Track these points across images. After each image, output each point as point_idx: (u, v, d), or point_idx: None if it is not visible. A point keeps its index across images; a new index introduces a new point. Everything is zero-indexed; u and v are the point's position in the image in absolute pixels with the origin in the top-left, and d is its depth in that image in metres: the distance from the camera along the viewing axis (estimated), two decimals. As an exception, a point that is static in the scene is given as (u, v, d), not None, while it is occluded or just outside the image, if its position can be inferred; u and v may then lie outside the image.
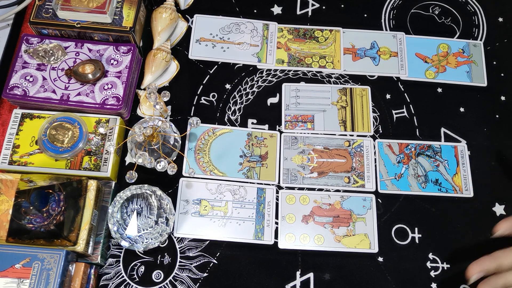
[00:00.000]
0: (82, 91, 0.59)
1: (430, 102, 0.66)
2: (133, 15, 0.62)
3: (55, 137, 0.56)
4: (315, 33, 0.69)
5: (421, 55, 0.69)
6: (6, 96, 0.58)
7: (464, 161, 0.63)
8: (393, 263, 0.57)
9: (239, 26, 0.69)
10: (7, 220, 0.51)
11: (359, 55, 0.68)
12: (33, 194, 0.52)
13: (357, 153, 0.62)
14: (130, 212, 0.55)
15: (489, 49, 0.69)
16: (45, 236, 0.50)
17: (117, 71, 0.60)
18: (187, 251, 0.57)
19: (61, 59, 0.60)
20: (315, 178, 0.61)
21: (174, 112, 0.64)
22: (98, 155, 0.57)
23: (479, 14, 0.72)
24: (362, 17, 0.71)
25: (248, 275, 0.56)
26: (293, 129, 0.63)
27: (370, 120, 0.64)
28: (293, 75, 0.67)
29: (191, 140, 0.62)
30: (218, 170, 0.61)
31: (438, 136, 0.64)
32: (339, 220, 0.59)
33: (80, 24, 0.61)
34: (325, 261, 0.57)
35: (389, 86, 0.67)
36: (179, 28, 0.68)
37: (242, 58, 0.67)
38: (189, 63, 0.67)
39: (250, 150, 0.62)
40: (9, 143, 0.57)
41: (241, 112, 0.64)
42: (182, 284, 0.55)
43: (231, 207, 0.59)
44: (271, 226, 0.58)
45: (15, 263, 0.49)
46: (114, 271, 0.56)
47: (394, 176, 0.62)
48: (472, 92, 0.67)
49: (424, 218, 0.60)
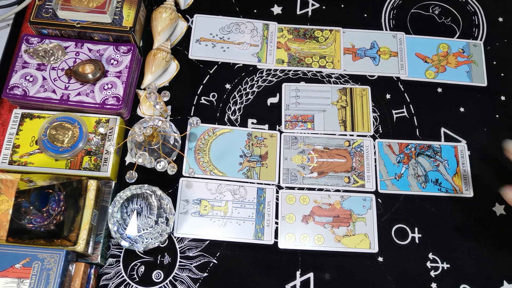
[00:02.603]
0: (82, 91, 0.59)
1: (430, 102, 0.66)
2: (133, 15, 0.62)
3: (55, 137, 0.56)
4: (315, 33, 0.69)
5: (421, 55, 0.69)
6: (6, 96, 0.58)
7: (464, 161, 0.63)
8: (393, 263, 0.57)
9: (239, 26, 0.69)
10: (7, 220, 0.51)
11: (359, 55, 0.68)
12: (33, 194, 0.52)
13: (357, 153, 0.62)
14: (130, 212, 0.55)
15: (489, 49, 0.69)
16: (45, 236, 0.50)
17: (117, 71, 0.60)
18: (187, 251, 0.57)
19: (61, 59, 0.60)
20: (315, 178, 0.61)
21: (174, 112, 0.64)
22: (98, 155, 0.57)
23: (479, 14, 0.72)
24: (362, 17, 0.71)
25: (248, 275, 0.56)
26: (293, 129, 0.63)
27: (370, 120, 0.64)
28: (293, 75, 0.67)
29: (191, 140, 0.62)
30: (218, 170, 0.61)
31: (438, 136, 0.64)
32: (339, 220, 0.59)
33: (80, 24, 0.61)
34: (325, 261, 0.57)
35: (389, 86, 0.67)
36: (179, 28, 0.68)
37: (242, 58, 0.67)
38: (189, 63, 0.67)
39: (250, 150, 0.62)
40: (9, 143, 0.57)
41: (241, 112, 0.64)
42: (182, 284, 0.55)
43: (231, 207, 0.59)
44: (271, 226, 0.58)
45: (15, 263, 0.49)
46: (114, 271, 0.56)
47: (394, 176, 0.61)
48: (472, 92, 0.67)
49: (424, 218, 0.60)
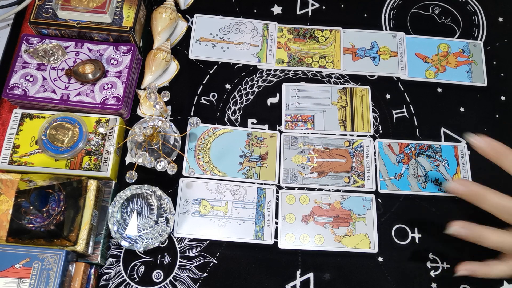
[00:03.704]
0: (82, 91, 0.59)
1: (430, 102, 0.66)
2: (133, 15, 0.62)
3: (55, 137, 0.56)
4: (315, 33, 0.69)
5: (421, 55, 0.69)
6: (6, 96, 0.58)
7: (464, 161, 0.63)
8: (393, 263, 0.57)
9: (239, 26, 0.69)
10: (7, 220, 0.51)
11: (359, 55, 0.68)
12: (33, 194, 0.52)
13: (357, 153, 0.62)
14: (130, 212, 0.55)
15: (489, 49, 0.69)
16: (45, 236, 0.50)
17: (117, 71, 0.60)
18: (187, 251, 0.57)
19: (61, 59, 0.60)
20: (315, 178, 0.61)
21: (174, 112, 0.64)
22: (98, 155, 0.57)
23: (479, 14, 0.72)
24: (362, 17, 0.71)
25: (248, 275, 0.56)
26: (293, 129, 0.63)
27: (370, 120, 0.64)
28: (293, 75, 0.67)
29: (191, 140, 0.62)
30: (218, 170, 0.61)
31: (438, 136, 0.64)
32: (339, 220, 0.59)
33: (80, 24, 0.61)
34: (325, 261, 0.57)
35: (389, 86, 0.67)
36: (179, 28, 0.68)
37: (242, 58, 0.67)
38: (189, 63, 0.67)
39: (250, 150, 0.62)
40: (9, 143, 0.57)
41: (241, 112, 0.64)
42: (182, 284, 0.55)
43: (231, 207, 0.59)
44: (271, 226, 0.58)
45: (15, 263, 0.49)
46: (114, 271, 0.56)
47: (394, 176, 0.61)
48: (472, 92, 0.67)
49: (424, 218, 0.60)
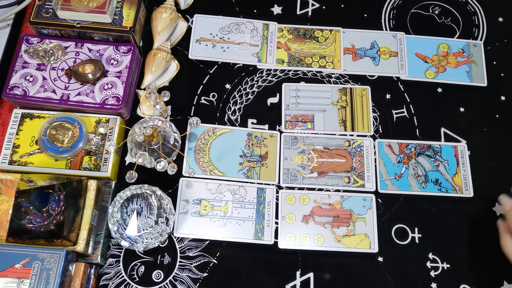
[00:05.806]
0: (82, 91, 0.59)
1: (430, 102, 0.66)
2: (133, 15, 0.62)
3: (55, 137, 0.56)
4: (315, 33, 0.69)
5: (421, 55, 0.69)
6: (6, 96, 0.58)
7: (464, 161, 0.63)
8: (393, 263, 0.57)
9: (239, 26, 0.69)
10: (7, 220, 0.51)
11: (359, 55, 0.68)
12: (33, 194, 0.52)
13: (357, 153, 0.62)
14: (130, 212, 0.55)
15: (489, 49, 0.69)
16: (45, 236, 0.50)
17: (117, 71, 0.60)
18: (187, 251, 0.57)
19: (61, 59, 0.60)
20: (315, 178, 0.61)
21: (174, 112, 0.64)
22: (98, 155, 0.57)
23: (479, 14, 0.72)
24: (362, 17, 0.71)
25: (248, 275, 0.56)
26: (293, 129, 0.63)
27: (370, 120, 0.64)
28: (293, 75, 0.67)
29: (191, 140, 0.62)
30: (218, 170, 0.61)
31: (438, 136, 0.64)
32: (339, 220, 0.59)
33: (80, 24, 0.61)
34: (325, 261, 0.57)
35: (389, 86, 0.67)
36: (179, 28, 0.68)
37: (242, 58, 0.67)
38: (189, 63, 0.67)
39: (250, 150, 0.62)
40: (9, 143, 0.57)
41: (241, 112, 0.64)
42: (182, 284, 0.55)
43: (231, 207, 0.59)
44: (271, 226, 0.58)
45: (15, 263, 0.49)
46: (114, 271, 0.56)
47: (394, 176, 0.61)
48: (472, 92, 0.67)
49: (424, 218, 0.60)
